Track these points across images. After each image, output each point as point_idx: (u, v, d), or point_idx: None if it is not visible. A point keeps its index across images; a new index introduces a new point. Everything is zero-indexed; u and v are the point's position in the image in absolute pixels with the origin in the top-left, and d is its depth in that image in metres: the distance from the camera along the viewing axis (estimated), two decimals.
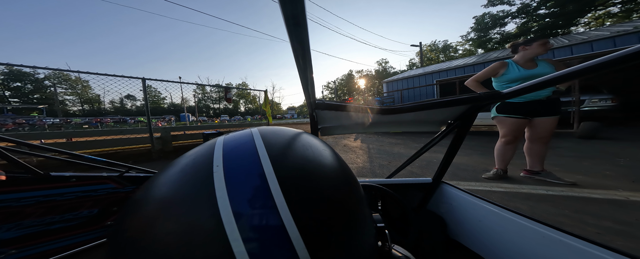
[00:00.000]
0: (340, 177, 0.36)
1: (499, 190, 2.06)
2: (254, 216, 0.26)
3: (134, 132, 5.58)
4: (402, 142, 5.67)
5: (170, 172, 0.33)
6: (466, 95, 0.65)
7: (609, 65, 0.36)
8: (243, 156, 0.32)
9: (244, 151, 0.33)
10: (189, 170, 0.32)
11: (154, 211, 0.28)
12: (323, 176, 0.34)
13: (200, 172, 0.30)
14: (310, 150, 0.37)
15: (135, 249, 0.26)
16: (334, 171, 0.36)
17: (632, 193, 1.79)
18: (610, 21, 19.05)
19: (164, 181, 0.32)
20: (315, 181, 0.32)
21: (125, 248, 0.27)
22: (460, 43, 39.62)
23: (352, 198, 0.35)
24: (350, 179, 0.38)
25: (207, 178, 0.29)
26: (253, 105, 70.57)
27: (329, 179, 0.34)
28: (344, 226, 0.31)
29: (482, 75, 2.22)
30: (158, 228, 0.26)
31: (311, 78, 0.47)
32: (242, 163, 0.31)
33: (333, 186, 0.34)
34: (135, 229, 0.28)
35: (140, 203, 0.31)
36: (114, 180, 1.11)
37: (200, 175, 0.30)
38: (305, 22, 0.27)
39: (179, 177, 0.31)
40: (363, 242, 0.33)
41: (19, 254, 0.85)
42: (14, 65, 3.89)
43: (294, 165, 0.33)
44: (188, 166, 0.33)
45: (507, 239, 0.72)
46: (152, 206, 0.29)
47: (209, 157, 0.32)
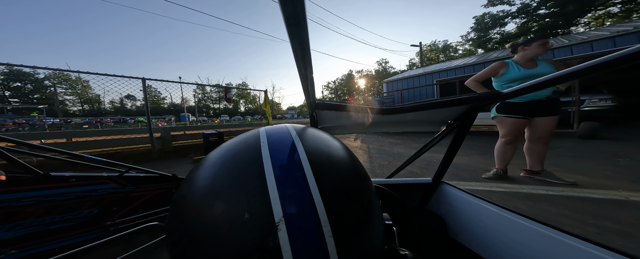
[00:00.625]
0: (357, 169, 0.40)
1: (499, 190, 2.06)
2: (291, 191, 0.29)
3: (134, 132, 5.59)
4: (402, 142, 5.67)
5: (218, 156, 0.38)
6: (466, 95, 0.65)
7: (609, 65, 0.36)
8: (283, 143, 0.37)
9: (283, 139, 0.38)
10: (237, 151, 0.37)
11: (212, 190, 0.32)
12: (345, 164, 0.38)
13: (249, 154, 0.35)
14: (333, 144, 0.42)
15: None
16: (352, 164, 0.40)
17: (632, 193, 1.79)
18: (610, 21, 19.05)
19: (216, 164, 0.36)
20: (337, 168, 0.37)
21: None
22: (460, 44, 39.64)
23: (367, 189, 0.38)
24: (364, 173, 0.42)
25: (255, 159, 0.33)
26: (253, 105, 70.56)
27: (349, 168, 0.38)
28: (362, 209, 0.34)
29: (482, 75, 2.22)
30: (217, 203, 0.30)
31: (311, 78, 0.47)
32: (283, 148, 0.35)
33: (352, 174, 0.38)
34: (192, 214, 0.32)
35: (194, 184, 0.34)
36: (114, 180, 1.11)
37: (249, 156, 0.35)
38: (305, 22, 0.27)
39: (230, 156, 0.36)
40: (376, 229, 0.36)
41: (19, 254, 0.85)
42: (14, 65, 3.90)
43: (321, 154, 0.37)
44: (237, 146, 0.38)
45: (507, 239, 0.72)
46: (209, 186, 0.33)
47: (256, 142, 0.37)
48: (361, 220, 0.33)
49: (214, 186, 0.32)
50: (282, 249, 0.26)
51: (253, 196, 0.29)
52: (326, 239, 0.28)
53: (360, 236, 0.32)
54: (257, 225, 0.28)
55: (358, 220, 0.33)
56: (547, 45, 2.03)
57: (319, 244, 0.27)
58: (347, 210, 0.32)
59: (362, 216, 0.34)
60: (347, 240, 0.30)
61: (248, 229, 0.28)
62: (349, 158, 0.41)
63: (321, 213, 0.28)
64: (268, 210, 0.28)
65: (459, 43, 40.35)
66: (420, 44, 20.45)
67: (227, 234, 0.28)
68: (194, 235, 0.30)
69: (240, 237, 0.27)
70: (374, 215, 0.36)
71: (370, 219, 0.35)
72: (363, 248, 0.32)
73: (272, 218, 0.27)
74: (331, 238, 0.28)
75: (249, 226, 0.28)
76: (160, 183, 1.42)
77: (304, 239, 0.27)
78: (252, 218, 0.28)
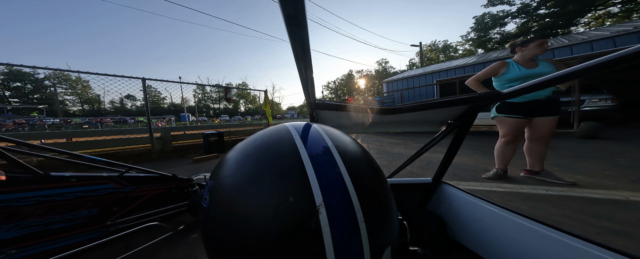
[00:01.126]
0: (376, 166, 0.43)
1: (499, 190, 2.06)
2: (328, 178, 0.32)
3: (134, 132, 5.59)
4: (402, 142, 5.67)
5: (250, 147, 0.40)
6: (466, 95, 0.65)
7: (609, 65, 0.36)
8: (313, 136, 0.39)
9: (314, 134, 0.40)
10: (271, 142, 0.39)
11: (252, 177, 0.34)
12: (366, 157, 0.41)
13: (285, 145, 0.37)
14: (351, 139, 0.45)
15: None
16: (371, 158, 0.43)
17: (632, 193, 1.79)
18: (610, 21, 19.05)
19: (252, 154, 0.38)
20: (361, 160, 0.39)
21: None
22: (460, 44, 39.62)
23: (386, 184, 0.41)
24: (381, 169, 0.44)
25: (292, 149, 0.35)
26: (253, 105, 70.54)
27: (371, 161, 0.42)
28: (385, 199, 0.37)
29: (483, 74, 2.21)
30: (260, 188, 0.33)
31: (311, 78, 0.47)
32: (314, 141, 0.38)
33: (374, 166, 0.41)
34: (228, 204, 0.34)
35: (231, 172, 0.36)
36: (114, 180, 1.11)
37: (286, 147, 0.36)
38: (305, 22, 0.28)
39: (265, 148, 0.38)
40: (396, 225, 0.39)
41: (19, 254, 0.85)
42: (14, 65, 3.89)
43: (346, 146, 0.40)
44: (270, 138, 0.40)
45: (507, 239, 0.72)
46: (248, 173, 0.35)
47: (288, 134, 0.39)
48: (385, 209, 0.36)
49: (257, 171, 0.35)
50: (323, 230, 0.29)
51: (295, 182, 0.32)
52: (359, 224, 0.30)
53: (385, 223, 0.35)
54: (301, 208, 0.30)
55: (382, 209, 0.36)
56: (545, 45, 2.03)
57: (353, 228, 0.30)
58: (374, 199, 0.35)
59: (385, 206, 0.37)
60: (375, 226, 0.33)
61: (293, 211, 0.30)
62: (367, 154, 0.44)
63: (354, 200, 0.31)
64: (309, 195, 0.30)
65: (459, 43, 40.35)
66: (420, 44, 20.45)
67: (273, 215, 0.30)
68: (239, 215, 0.32)
69: (285, 218, 0.30)
70: (393, 206, 0.39)
71: (390, 209, 0.38)
72: (387, 234, 0.35)
73: (314, 202, 0.30)
74: (363, 223, 0.31)
75: (293, 208, 0.30)
76: (160, 183, 1.42)
77: (341, 222, 0.30)
78: (296, 202, 0.30)
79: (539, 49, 2.02)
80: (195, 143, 5.54)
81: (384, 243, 0.33)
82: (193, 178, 1.62)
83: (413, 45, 20.86)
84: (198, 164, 4.20)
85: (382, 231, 0.34)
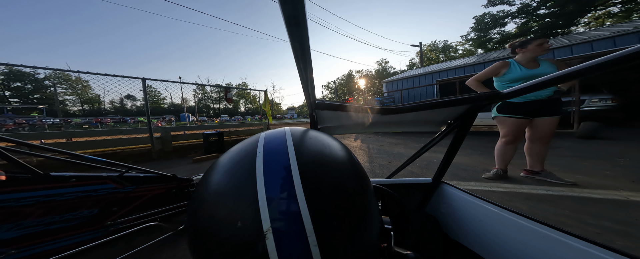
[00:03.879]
0: (353, 174, 0.40)
1: (499, 190, 2.06)
2: (279, 201, 0.31)
3: (134, 132, 5.58)
4: (402, 142, 5.67)
5: (225, 161, 0.41)
6: (466, 95, 0.65)
7: (609, 65, 0.36)
8: (277, 150, 0.38)
9: (278, 145, 0.39)
10: (237, 159, 0.39)
11: (215, 195, 0.35)
12: (338, 171, 0.39)
13: (246, 163, 0.37)
14: (329, 149, 0.42)
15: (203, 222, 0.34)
16: (348, 168, 0.40)
17: (632, 193, 1.79)
18: (610, 21, 19.05)
19: (221, 170, 0.39)
20: (329, 175, 0.37)
21: (198, 220, 0.35)
22: (460, 44, 39.64)
23: (362, 194, 0.39)
24: (362, 177, 0.42)
25: (250, 169, 0.35)
26: (253, 105, 70.53)
27: (343, 175, 0.39)
28: (352, 216, 0.35)
29: (484, 74, 2.21)
30: (218, 207, 0.33)
31: (311, 78, 0.47)
32: (276, 155, 0.37)
33: (346, 180, 0.38)
34: (203, 210, 0.35)
35: (204, 188, 0.38)
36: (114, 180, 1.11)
37: (246, 165, 0.36)
38: (305, 22, 0.28)
39: (232, 165, 0.39)
40: (368, 235, 0.36)
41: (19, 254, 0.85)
42: (14, 65, 3.89)
43: (314, 161, 0.38)
44: (238, 155, 0.41)
45: (506, 239, 0.72)
46: (213, 191, 0.36)
47: (253, 151, 0.39)
48: (350, 226, 0.34)
49: (217, 192, 0.35)
50: (270, 255, 0.28)
51: (245, 205, 0.31)
52: (311, 249, 0.29)
53: (349, 243, 0.33)
54: (248, 233, 0.30)
55: (347, 227, 0.33)
56: (545, 45, 2.02)
57: (304, 253, 0.29)
58: (336, 218, 0.32)
59: (353, 222, 0.34)
60: (334, 248, 0.31)
61: (240, 235, 0.30)
62: (345, 162, 0.41)
63: (307, 223, 0.30)
64: (257, 220, 0.30)
65: (459, 43, 40.36)
66: (420, 44, 20.45)
67: (225, 236, 0.31)
68: (200, 232, 0.33)
69: (235, 241, 0.30)
70: (366, 217, 0.37)
71: (361, 223, 0.36)
72: (351, 252, 0.33)
73: (261, 227, 0.29)
74: (316, 247, 0.29)
75: (242, 232, 0.30)
76: (160, 183, 1.42)
77: (290, 248, 0.29)
78: (244, 226, 0.30)
79: (540, 49, 2.02)
80: (195, 143, 5.54)
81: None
82: (193, 178, 1.62)
83: (413, 45, 20.85)
84: (198, 164, 4.20)
85: (343, 251, 0.32)
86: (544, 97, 2.04)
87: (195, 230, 0.34)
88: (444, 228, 0.96)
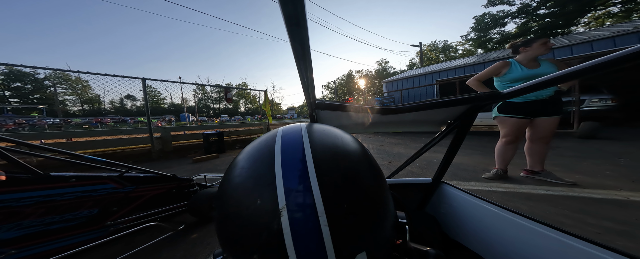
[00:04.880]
0: (363, 163, 0.42)
1: (499, 190, 2.06)
2: (294, 183, 0.34)
3: (134, 132, 5.59)
4: (402, 142, 5.67)
5: (247, 152, 0.45)
6: (466, 95, 0.65)
7: (609, 65, 0.36)
8: (293, 143, 0.41)
9: (295, 138, 0.42)
10: (259, 149, 0.43)
11: (239, 180, 0.39)
12: (348, 159, 0.41)
13: (266, 153, 0.40)
14: (340, 141, 0.44)
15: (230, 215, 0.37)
16: (359, 158, 0.42)
17: (632, 193, 1.79)
18: (610, 21, 19.04)
19: (244, 159, 0.43)
20: (339, 162, 0.39)
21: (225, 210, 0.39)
22: (460, 43, 39.63)
23: (372, 182, 0.40)
24: (373, 167, 0.43)
25: (270, 157, 0.39)
26: (253, 105, 70.52)
27: (353, 163, 0.41)
28: (362, 201, 0.36)
29: (485, 74, 2.21)
30: (242, 189, 0.37)
31: (311, 78, 0.48)
32: (293, 144, 0.40)
33: (356, 168, 0.40)
34: (228, 201, 0.39)
35: (231, 174, 0.42)
36: (114, 180, 1.11)
37: (266, 155, 0.40)
38: (305, 22, 0.28)
39: (254, 154, 0.43)
40: (378, 221, 0.38)
41: (19, 254, 0.85)
42: (14, 65, 3.89)
43: (325, 150, 0.40)
44: (259, 145, 0.45)
45: (507, 239, 0.72)
46: (238, 176, 0.40)
47: (273, 142, 0.42)
48: (360, 210, 0.36)
49: (241, 176, 0.40)
50: (284, 231, 0.31)
51: (264, 187, 0.35)
52: (322, 228, 0.31)
53: (360, 228, 0.35)
54: (266, 210, 0.33)
55: (359, 213, 0.35)
56: (548, 44, 2.02)
57: (315, 231, 0.31)
58: (347, 203, 0.35)
59: (362, 205, 0.36)
60: (344, 230, 0.33)
61: (260, 213, 0.33)
62: (356, 152, 0.43)
63: (319, 204, 0.32)
64: (274, 199, 0.33)
65: (459, 43, 40.35)
66: (420, 44, 20.45)
67: (246, 215, 0.34)
68: (227, 217, 0.38)
69: (254, 218, 0.34)
70: (376, 205, 0.38)
71: (372, 209, 0.37)
72: (362, 238, 0.35)
73: (277, 205, 0.32)
74: (327, 227, 0.31)
75: (260, 210, 0.33)
76: (160, 183, 1.42)
77: (302, 225, 0.31)
78: (262, 204, 0.34)
79: (543, 48, 2.01)
80: (195, 143, 5.55)
81: (356, 247, 0.33)
82: (193, 178, 1.62)
83: (413, 45, 20.85)
84: (198, 164, 4.20)
85: (353, 236, 0.33)
86: (545, 96, 2.04)
87: (222, 215, 0.38)
88: (444, 228, 0.96)
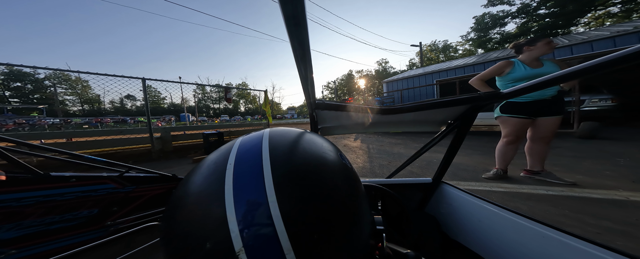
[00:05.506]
0: (338, 176, 0.37)
1: (499, 190, 2.06)
2: (251, 217, 0.28)
3: (134, 132, 5.59)
4: (402, 142, 5.67)
5: (201, 168, 0.39)
6: (466, 95, 0.65)
7: (609, 65, 0.36)
8: (250, 157, 0.35)
9: (252, 152, 0.36)
10: (211, 166, 0.37)
11: (188, 202, 0.34)
12: (319, 175, 0.35)
13: (218, 169, 0.35)
14: (311, 151, 0.39)
15: (176, 227, 0.32)
16: (333, 170, 0.37)
17: (632, 193, 1.79)
18: (610, 21, 19.05)
19: (191, 183, 0.37)
20: (309, 180, 0.34)
21: (172, 224, 0.33)
22: (460, 43, 39.64)
23: (348, 197, 0.36)
24: (350, 178, 0.39)
25: (221, 175, 0.33)
26: (253, 105, 70.53)
27: (326, 178, 0.36)
28: (336, 227, 0.32)
29: (487, 73, 2.20)
30: (189, 215, 0.32)
31: (311, 78, 0.47)
32: (249, 163, 0.34)
33: (328, 184, 0.35)
34: (178, 214, 0.34)
35: (180, 194, 0.36)
36: (114, 180, 1.11)
37: (218, 171, 0.34)
38: (305, 22, 0.28)
39: (205, 171, 0.37)
40: (355, 243, 0.34)
41: (19, 254, 0.84)
42: (14, 65, 3.89)
43: (291, 165, 0.35)
44: (211, 161, 0.39)
45: (507, 239, 0.72)
46: (187, 198, 0.35)
47: (226, 156, 0.37)
48: (334, 237, 0.31)
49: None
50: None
51: (214, 227, 0.28)
52: (283, 245, 0.27)
53: (333, 254, 0.31)
54: (219, 257, 0.27)
55: (330, 238, 0.31)
56: (552, 44, 2.01)
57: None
58: (317, 232, 0.30)
59: (337, 234, 0.32)
60: (311, 250, 0.29)
61: (211, 257, 0.28)
62: (331, 165, 0.38)
63: (283, 240, 0.27)
64: (228, 241, 0.27)
65: (459, 43, 40.37)
66: (420, 44, 20.44)
67: (196, 257, 0.28)
68: (169, 244, 0.32)
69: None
70: (353, 227, 0.34)
71: (348, 234, 0.33)
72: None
73: (232, 250, 0.27)
74: (288, 242, 0.27)
75: (211, 255, 0.28)
76: (160, 183, 1.42)
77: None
78: (213, 248, 0.28)
79: (547, 48, 2.00)
80: (195, 143, 5.54)
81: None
82: None
83: (413, 45, 20.85)
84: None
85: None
86: (548, 96, 2.04)
87: (168, 250, 0.32)
88: (444, 228, 0.96)
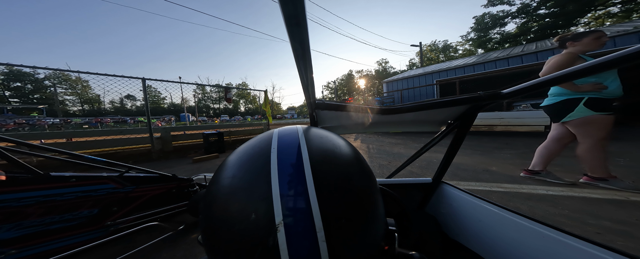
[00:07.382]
0: (361, 173, 0.40)
1: (499, 190, 2.06)
2: (292, 197, 0.32)
3: (134, 132, 5.59)
4: (402, 142, 5.67)
5: (238, 156, 0.41)
6: (466, 95, 0.65)
7: (608, 65, 0.36)
8: (290, 144, 0.39)
9: (292, 138, 0.40)
10: (252, 154, 0.40)
11: (230, 190, 0.36)
12: (348, 170, 0.39)
13: (260, 159, 0.38)
14: (340, 149, 0.42)
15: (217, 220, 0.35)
16: (357, 166, 0.41)
17: (632, 193, 1.79)
18: (610, 21, 19.06)
19: (235, 165, 0.40)
20: (339, 173, 0.37)
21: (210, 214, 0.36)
22: (460, 43, 39.65)
23: (370, 193, 0.39)
24: (370, 176, 0.42)
25: (265, 165, 0.36)
26: (253, 105, 70.54)
27: (352, 173, 0.39)
28: (360, 214, 0.36)
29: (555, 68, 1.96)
30: (233, 201, 0.35)
31: (311, 78, 0.48)
32: (289, 151, 0.38)
33: (355, 179, 0.39)
34: (215, 205, 0.37)
35: (219, 182, 0.39)
36: (114, 180, 1.11)
37: (261, 161, 0.37)
38: (305, 22, 0.28)
39: (246, 160, 0.40)
40: (373, 233, 0.37)
41: (19, 254, 0.84)
42: (14, 65, 3.89)
43: (325, 160, 0.39)
44: (255, 145, 0.42)
45: (506, 239, 0.72)
46: (228, 186, 0.37)
47: (269, 141, 0.40)
48: (358, 225, 0.35)
49: (232, 187, 0.37)
50: (280, 248, 0.30)
51: (260, 200, 0.33)
52: (319, 244, 0.30)
53: (356, 240, 0.34)
54: (261, 226, 0.31)
55: (354, 225, 0.34)
56: (603, 39, 1.81)
57: (312, 247, 0.30)
58: (344, 215, 0.34)
59: (359, 220, 0.35)
60: (341, 244, 0.32)
61: (254, 228, 0.32)
62: (354, 160, 0.42)
63: (317, 219, 0.31)
64: (270, 214, 0.31)
65: (459, 43, 40.37)
66: (420, 44, 20.44)
67: (239, 230, 0.32)
68: (215, 226, 0.35)
69: (248, 233, 0.32)
70: (373, 217, 0.37)
71: (369, 222, 0.36)
72: (357, 250, 0.34)
73: (273, 221, 0.31)
74: (324, 243, 0.30)
75: (254, 225, 0.32)
76: (160, 183, 1.42)
77: (299, 242, 0.30)
78: (257, 219, 0.32)
79: (596, 44, 1.83)
80: (195, 143, 5.54)
81: (353, 257, 0.33)
82: (193, 178, 1.62)
83: (413, 45, 20.85)
84: (198, 164, 4.20)
85: (350, 249, 0.33)
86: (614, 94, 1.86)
87: (210, 224, 0.36)
88: (444, 228, 0.96)
